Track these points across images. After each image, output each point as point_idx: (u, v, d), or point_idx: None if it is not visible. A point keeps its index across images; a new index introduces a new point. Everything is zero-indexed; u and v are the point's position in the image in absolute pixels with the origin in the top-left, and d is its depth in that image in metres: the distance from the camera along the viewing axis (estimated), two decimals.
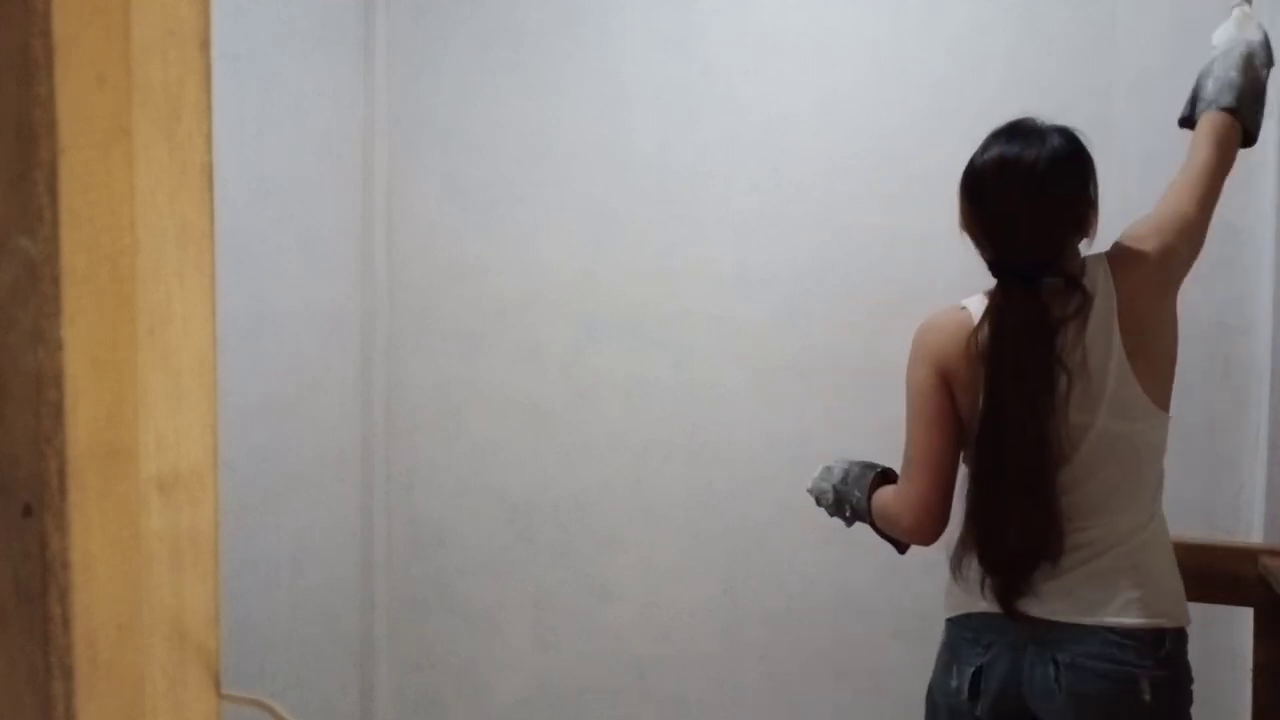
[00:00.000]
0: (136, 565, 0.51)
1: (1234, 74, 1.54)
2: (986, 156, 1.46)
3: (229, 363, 2.11)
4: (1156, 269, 1.46)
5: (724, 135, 2.30)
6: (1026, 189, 1.42)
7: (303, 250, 2.36)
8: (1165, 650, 1.40)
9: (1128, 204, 2.11)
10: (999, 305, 1.45)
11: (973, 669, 1.49)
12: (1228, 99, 1.53)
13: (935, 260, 2.20)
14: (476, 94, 2.49)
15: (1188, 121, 1.61)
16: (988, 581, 1.47)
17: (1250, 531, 1.98)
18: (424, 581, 2.58)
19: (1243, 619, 1.75)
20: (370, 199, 2.55)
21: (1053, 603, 1.44)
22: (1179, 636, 1.42)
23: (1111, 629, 1.41)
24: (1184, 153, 2.06)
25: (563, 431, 2.45)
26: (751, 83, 2.28)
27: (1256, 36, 1.59)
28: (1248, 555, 1.53)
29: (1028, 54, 2.10)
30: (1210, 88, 1.56)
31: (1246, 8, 1.63)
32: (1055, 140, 1.44)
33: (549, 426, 2.46)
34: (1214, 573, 1.56)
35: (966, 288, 2.19)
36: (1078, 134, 1.47)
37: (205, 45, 0.54)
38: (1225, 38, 1.61)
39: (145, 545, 0.52)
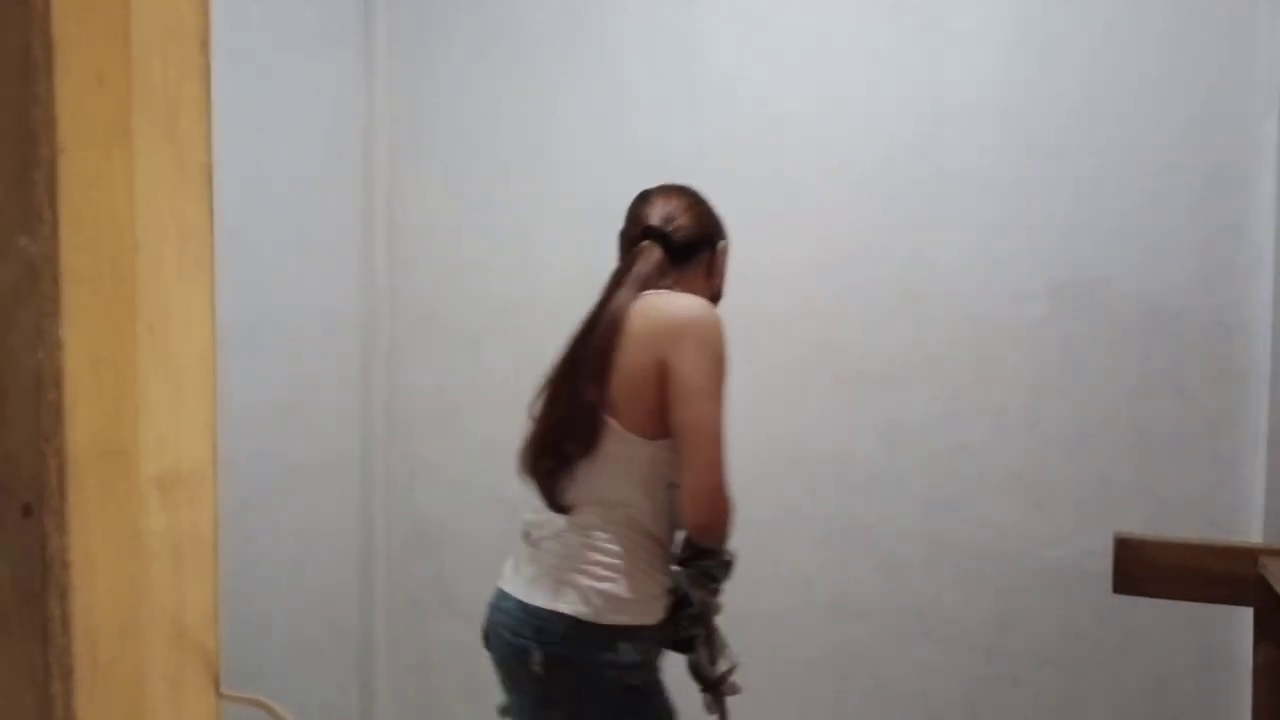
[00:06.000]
0: (136, 565, 0.51)
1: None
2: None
3: (229, 363, 2.11)
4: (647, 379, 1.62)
5: (724, 135, 2.30)
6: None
7: (303, 250, 2.36)
8: (562, 633, 1.51)
9: (1128, 205, 2.11)
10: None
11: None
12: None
13: (934, 260, 2.20)
14: (476, 94, 2.48)
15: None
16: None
17: (1250, 531, 1.98)
18: (424, 581, 2.57)
19: (1243, 619, 1.75)
20: (370, 199, 2.55)
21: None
22: (586, 627, 1.51)
23: (521, 603, 1.57)
24: (1182, 156, 2.07)
25: None
26: (751, 83, 2.28)
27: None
28: (1248, 555, 1.53)
29: (1028, 54, 2.10)
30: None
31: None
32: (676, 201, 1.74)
33: None
34: (1214, 573, 1.55)
35: (967, 287, 2.20)
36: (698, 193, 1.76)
37: (205, 45, 0.54)
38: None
39: (145, 545, 0.52)
